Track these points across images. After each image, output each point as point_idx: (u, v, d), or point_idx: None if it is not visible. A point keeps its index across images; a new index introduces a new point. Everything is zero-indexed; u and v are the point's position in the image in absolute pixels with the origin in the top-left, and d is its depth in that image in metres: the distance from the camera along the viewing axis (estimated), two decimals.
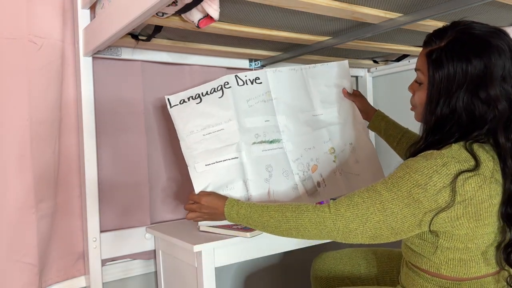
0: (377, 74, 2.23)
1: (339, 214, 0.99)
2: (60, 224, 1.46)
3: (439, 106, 0.98)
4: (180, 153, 1.74)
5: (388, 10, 1.26)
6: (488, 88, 0.93)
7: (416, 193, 0.91)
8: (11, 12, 1.33)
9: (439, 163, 0.91)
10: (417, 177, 0.92)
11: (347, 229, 0.98)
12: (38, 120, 1.37)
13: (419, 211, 0.92)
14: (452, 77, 0.95)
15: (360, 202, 0.98)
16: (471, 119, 0.96)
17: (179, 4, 1.08)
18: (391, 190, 0.95)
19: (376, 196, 0.96)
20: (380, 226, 0.95)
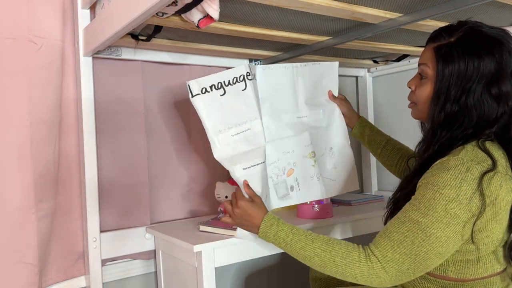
0: (377, 74, 2.23)
1: (388, 259, 0.91)
2: (60, 224, 1.46)
3: (448, 102, 0.96)
4: (180, 153, 1.75)
5: (388, 10, 1.26)
6: (500, 84, 0.93)
7: (452, 209, 0.88)
8: (11, 12, 1.33)
9: (462, 170, 0.88)
10: (448, 192, 0.88)
11: (400, 272, 0.91)
12: (38, 120, 1.37)
13: (458, 226, 0.88)
14: (463, 73, 0.94)
15: (402, 238, 0.91)
16: (481, 116, 0.95)
17: (179, 4, 1.08)
18: (428, 214, 0.89)
19: (415, 226, 0.90)
20: (429, 256, 0.90)
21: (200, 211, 1.77)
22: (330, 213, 1.58)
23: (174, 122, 1.73)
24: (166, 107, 1.71)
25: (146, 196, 1.63)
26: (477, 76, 0.93)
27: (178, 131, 1.74)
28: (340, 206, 1.82)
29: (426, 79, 1.03)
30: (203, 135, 1.76)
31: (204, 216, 1.76)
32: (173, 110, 1.73)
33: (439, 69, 0.98)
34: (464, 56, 0.95)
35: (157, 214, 1.68)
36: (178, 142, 1.74)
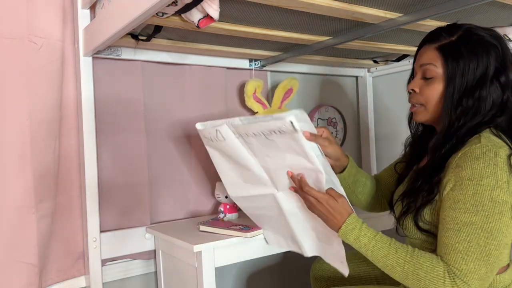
0: (377, 74, 2.23)
1: (465, 272, 0.88)
2: (60, 224, 1.46)
3: (465, 97, 0.98)
4: (180, 153, 1.75)
5: (388, 10, 1.26)
6: (507, 73, 0.98)
7: (497, 196, 0.88)
8: (11, 12, 1.33)
9: (491, 156, 0.90)
10: (487, 181, 0.89)
11: (481, 279, 0.89)
12: (38, 120, 1.37)
13: (510, 210, 0.89)
14: (474, 67, 0.97)
15: (467, 245, 0.89)
16: (493, 105, 0.98)
17: (179, 4, 1.08)
18: (478, 211, 0.89)
19: (472, 228, 0.89)
20: (500, 251, 0.89)
21: (200, 211, 1.77)
22: None
23: (174, 122, 1.73)
24: (166, 107, 1.71)
25: (146, 196, 1.63)
26: (487, 68, 0.97)
27: (178, 131, 1.74)
28: None
29: (434, 78, 1.03)
30: None
31: (204, 216, 1.76)
32: (173, 110, 1.73)
33: (450, 66, 1.00)
34: (472, 51, 0.98)
35: (157, 214, 1.68)
36: (178, 142, 1.74)
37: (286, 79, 1.84)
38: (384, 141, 2.26)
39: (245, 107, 1.87)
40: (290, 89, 1.85)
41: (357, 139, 2.34)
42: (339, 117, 2.23)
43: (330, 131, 2.18)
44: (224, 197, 1.61)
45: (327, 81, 2.23)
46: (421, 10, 1.25)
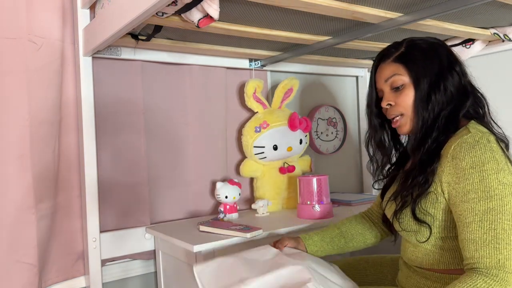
0: None
1: (503, 262, 0.86)
2: (60, 224, 1.46)
3: (433, 92, 1.03)
4: (180, 153, 1.75)
5: (388, 10, 1.26)
6: (458, 61, 1.07)
7: (503, 178, 0.90)
8: (11, 12, 1.33)
9: (485, 142, 0.93)
10: (489, 166, 0.90)
11: None
12: (38, 120, 1.37)
13: None
14: (431, 64, 1.04)
15: (493, 234, 0.88)
16: (459, 92, 1.04)
17: (179, 4, 1.07)
18: (491, 196, 0.89)
19: (492, 214, 0.89)
20: None
21: (200, 211, 1.77)
22: (330, 213, 1.58)
23: (174, 122, 1.73)
24: (166, 107, 1.71)
25: (146, 196, 1.62)
26: (441, 62, 1.04)
27: (178, 131, 1.74)
28: (340, 206, 1.82)
29: (403, 86, 1.07)
30: (203, 134, 1.77)
31: (204, 216, 1.75)
32: (172, 110, 1.72)
33: (413, 70, 1.06)
34: (423, 53, 1.06)
35: (157, 214, 1.68)
36: (178, 142, 1.74)
37: (286, 79, 1.84)
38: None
39: (245, 107, 1.86)
40: (290, 89, 1.85)
41: (357, 139, 2.34)
42: (339, 117, 2.23)
43: (330, 131, 2.19)
44: (224, 197, 1.61)
45: (327, 81, 2.23)
46: (421, 10, 1.25)
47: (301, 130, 1.82)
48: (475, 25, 1.49)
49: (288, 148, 1.79)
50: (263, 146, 1.76)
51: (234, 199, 1.63)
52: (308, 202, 1.57)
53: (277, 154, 1.78)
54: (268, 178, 1.80)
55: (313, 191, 1.58)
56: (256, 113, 1.82)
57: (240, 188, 1.67)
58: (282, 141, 1.77)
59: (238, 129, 1.89)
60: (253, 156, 1.78)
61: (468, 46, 1.67)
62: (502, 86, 1.73)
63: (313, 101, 2.17)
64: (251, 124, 1.78)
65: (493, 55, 1.75)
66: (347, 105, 2.30)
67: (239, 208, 1.70)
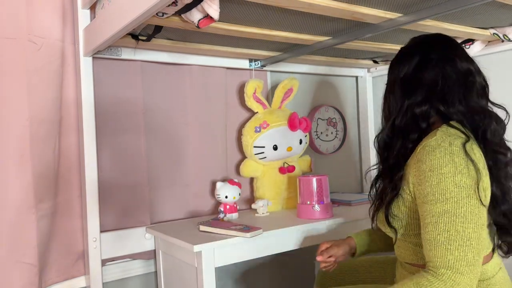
0: (377, 74, 2.23)
1: (452, 262, 0.90)
2: (60, 224, 1.46)
3: (390, 98, 1.11)
4: (179, 153, 1.75)
5: (388, 10, 1.26)
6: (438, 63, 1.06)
7: (460, 181, 0.91)
8: (11, 12, 1.33)
9: (446, 146, 0.94)
10: (447, 169, 0.92)
11: (471, 264, 0.89)
12: (38, 120, 1.37)
13: (476, 193, 0.92)
14: (393, 70, 1.12)
15: (447, 235, 0.91)
16: (423, 96, 1.05)
17: (179, 4, 1.08)
18: (447, 199, 0.92)
19: (447, 216, 0.91)
20: (479, 231, 0.91)
21: (200, 211, 1.77)
22: (330, 213, 1.59)
23: (174, 122, 1.73)
24: (166, 107, 1.71)
25: (146, 196, 1.63)
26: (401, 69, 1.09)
27: (178, 131, 1.74)
28: (340, 206, 1.82)
29: None
30: (203, 134, 1.77)
31: (204, 216, 1.76)
32: (173, 110, 1.73)
33: (388, 70, 1.16)
34: (396, 59, 1.13)
35: (157, 214, 1.68)
36: (178, 142, 1.74)
37: (286, 79, 1.84)
38: None
39: (245, 107, 1.87)
40: (290, 89, 1.85)
41: (357, 139, 2.34)
42: (339, 117, 2.23)
43: (330, 131, 2.19)
44: (224, 197, 1.62)
45: (327, 81, 2.23)
46: (421, 10, 1.25)
47: (301, 130, 1.82)
48: (475, 25, 1.49)
49: (288, 148, 1.79)
50: (263, 146, 1.76)
51: (234, 199, 1.63)
52: (308, 202, 1.58)
53: (277, 154, 1.78)
54: (268, 178, 1.81)
55: (313, 191, 1.58)
56: (256, 113, 1.82)
57: (240, 188, 1.67)
58: (282, 141, 1.78)
59: (238, 129, 1.90)
60: (253, 156, 1.78)
61: (467, 47, 1.67)
62: (502, 86, 1.74)
63: (313, 101, 2.17)
64: (251, 124, 1.78)
65: (493, 55, 1.75)
66: (347, 105, 2.30)
67: (239, 208, 1.70)
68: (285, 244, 1.46)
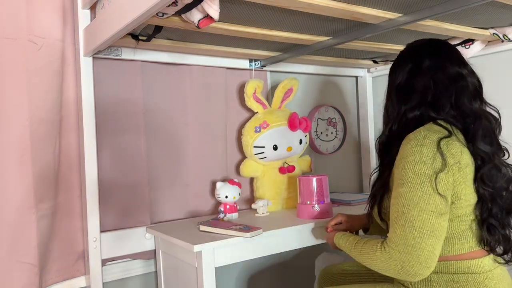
0: (377, 74, 2.23)
1: (394, 239, 1.00)
2: (60, 224, 1.46)
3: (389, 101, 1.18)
4: (179, 153, 1.75)
5: (388, 10, 1.26)
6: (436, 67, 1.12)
7: (419, 170, 0.99)
8: (11, 12, 1.33)
9: (420, 138, 1.01)
10: (412, 158, 1.00)
11: (408, 245, 0.97)
12: (38, 120, 1.37)
13: (432, 182, 0.98)
14: (393, 73, 1.18)
15: (396, 215, 1.01)
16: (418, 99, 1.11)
17: (179, 5, 1.08)
18: (404, 183, 1.00)
19: (400, 198, 1.01)
20: (424, 216, 0.97)
21: (200, 211, 1.77)
22: (330, 213, 1.59)
23: (174, 122, 1.73)
24: (166, 107, 1.71)
25: (146, 196, 1.63)
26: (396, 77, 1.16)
27: (178, 131, 1.74)
28: (340, 206, 1.82)
29: None
30: (203, 134, 1.77)
31: (204, 216, 1.76)
32: (173, 110, 1.73)
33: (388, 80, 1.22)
34: (393, 65, 1.20)
35: (157, 214, 1.68)
36: (178, 142, 1.74)
37: (286, 79, 1.84)
38: None
39: (245, 107, 1.87)
40: (290, 89, 1.85)
41: (357, 139, 2.34)
42: (339, 117, 2.23)
43: (330, 131, 2.19)
44: (224, 197, 1.62)
45: (327, 81, 2.23)
46: (421, 10, 1.25)
47: (301, 130, 1.82)
48: (475, 25, 1.49)
49: (288, 148, 1.79)
50: (263, 146, 1.76)
51: (234, 199, 1.63)
52: (308, 202, 1.58)
53: (277, 154, 1.78)
54: (268, 178, 1.81)
55: (313, 191, 1.58)
56: (256, 113, 1.82)
57: (240, 188, 1.67)
58: (282, 141, 1.78)
59: (238, 129, 1.90)
60: (253, 156, 1.78)
61: (467, 47, 1.67)
62: (502, 86, 1.74)
63: (313, 101, 2.18)
64: (251, 124, 1.78)
65: (493, 55, 1.75)
66: (347, 105, 2.30)
67: (239, 208, 1.70)
68: (285, 244, 1.46)
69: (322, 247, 1.79)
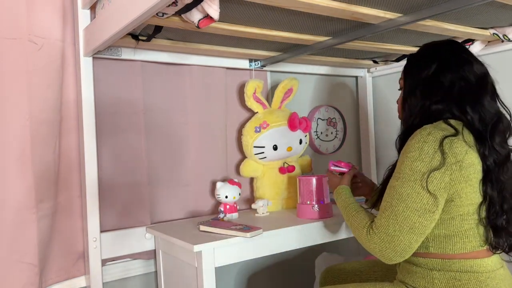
0: (377, 74, 2.23)
1: (378, 225, 1.05)
2: (61, 224, 1.46)
3: (409, 96, 1.16)
4: (179, 153, 1.75)
5: (388, 10, 1.26)
6: (458, 64, 1.13)
7: (416, 167, 1.01)
8: (11, 12, 1.33)
9: (424, 135, 1.02)
10: (412, 154, 1.02)
11: (388, 235, 1.03)
12: (38, 120, 1.37)
13: (423, 180, 1.00)
14: (419, 69, 1.15)
15: (385, 205, 1.06)
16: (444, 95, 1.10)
17: (179, 5, 1.08)
18: (399, 177, 1.04)
19: (392, 190, 1.05)
20: (407, 214, 1.01)
21: (200, 211, 1.77)
22: (330, 213, 1.59)
23: (174, 122, 1.73)
24: (166, 107, 1.71)
25: (146, 196, 1.63)
26: (432, 67, 1.13)
27: (178, 131, 1.74)
28: None
29: (401, 89, 1.23)
30: (203, 134, 1.77)
31: (204, 216, 1.76)
32: (173, 110, 1.73)
33: (405, 74, 1.20)
34: (417, 58, 1.18)
35: (157, 214, 1.68)
36: (178, 142, 1.74)
37: (286, 79, 1.84)
38: (384, 141, 2.26)
39: (245, 107, 1.87)
40: (290, 89, 1.85)
41: (357, 139, 2.34)
42: (339, 117, 2.23)
43: (330, 131, 2.19)
44: (224, 197, 1.62)
45: (327, 81, 2.23)
46: (421, 10, 1.25)
47: (301, 130, 1.82)
48: (475, 25, 1.49)
49: (288, 148, 1.79)
50: (263, 146, 1.76)
51: (234, 199, 1.63)
52: (308, 202, 1.58)
53: (277, 154, 1.78)
54: (268, 178, 1.81)
55: (312, 191, 1.58)
56: (256, 113, 1.82)
57: (240, 188, 1.67)
58: (282, 141, 1.78)
59: (238, 129, 1.90)
60: (253, 156, 1.78)
61: (467, 47, 1.67)
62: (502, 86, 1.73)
63: (313, 101, 2.18)
64: (251, 124, 1.78)
65: (493, 55, 1.75)
66: (347, 105, 2.30)
67: (239, 208, 1.70)
68: (285, 244, 1.46)
69: (322, 247, 1.79)
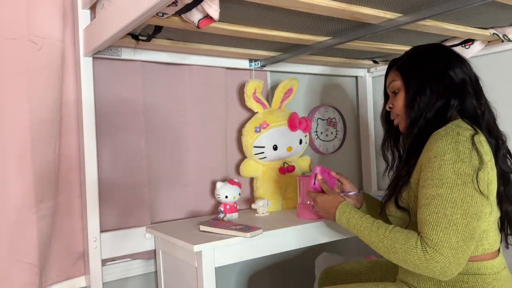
0: (377, 74, 2.23)
1: (436, 241, 0.95)
2: (61, 224, 1.46)
3: (418, 95, 1.12)
4: (179, 153, 1.75)
5: (388, 10, 1.26)
6: (457, 63, 1.14)
7: (459, 169, 0.96)
8: (11, 12, 1.33)
9: (454, 135, 0.99)
10: (449, 156, 0.97)
11: (453, 248, 0.94)
12: (38, 120, 1.37)
13: (474, 183, 0.96)
14: (421, 70, 1.14)
15: (436, 217, 0.96)
16: (450, 93, 1.11)
17: (179, 5, 1.08)
18: (443, 184, 0.97)
19: (439, 200, 0.97)
20: (467, 220, 0.95)
21: (200, 211, 1.77)
22: None
23: (174, 122, 1.73)
24: (166, 107, 1.71)
25: (146, 196, 1.63)
26: (436, 67, 1.13)
27: (178, 131, 1.74)
28: None
29: (398, 90, 1.20)
30: (203, 134, 1.77)
31: (204, 216, 1.76)
32: (172, 110, 1.73)
33: (405, 76, 1.17)
34: (418, 59, 1.17)
35: (157, 214, 1.68)
36: (178, 142, 1.74)
37: (286, 79, 1.84)
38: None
39: (245, 107, 1.87)
40: (290, 89, 1.85)
41: (357, 139, 2.34)
42: (339, 117, 2.23)
43: (330, 131, 2.19)
44: (224, 197, 1.62)
45: (327, 81, 2.23)
46: (421, 10, 1.25)
47: (301, 130, 1.82)
48: (475, 25, 1.49)
49: (288, 148, 1.79)
50: (263, 146, 1.76)
51: (234, 199, 1.63)
52: (308, 202, 1.58)
53: (277, 154, 1.78)
54: (268, 178, 1.81)
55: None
56: (256, 113, 1.82)
57: (240, 188, 1.67)
58: (282, 141, 1.78)
59: (238, 129, 1.90)
60: (253, 156, 1.78)
61: (467, 47, 1.67)
62: (502, 86, 1.74)
63: (313, 101, 2.18)
64: (251, 124, 1.78)
65: (493, 56, 1.75)
66: (346, 105, 2.30)
67: (239, 208, 1.70)
68: (285, 244, 1.46)
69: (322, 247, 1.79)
